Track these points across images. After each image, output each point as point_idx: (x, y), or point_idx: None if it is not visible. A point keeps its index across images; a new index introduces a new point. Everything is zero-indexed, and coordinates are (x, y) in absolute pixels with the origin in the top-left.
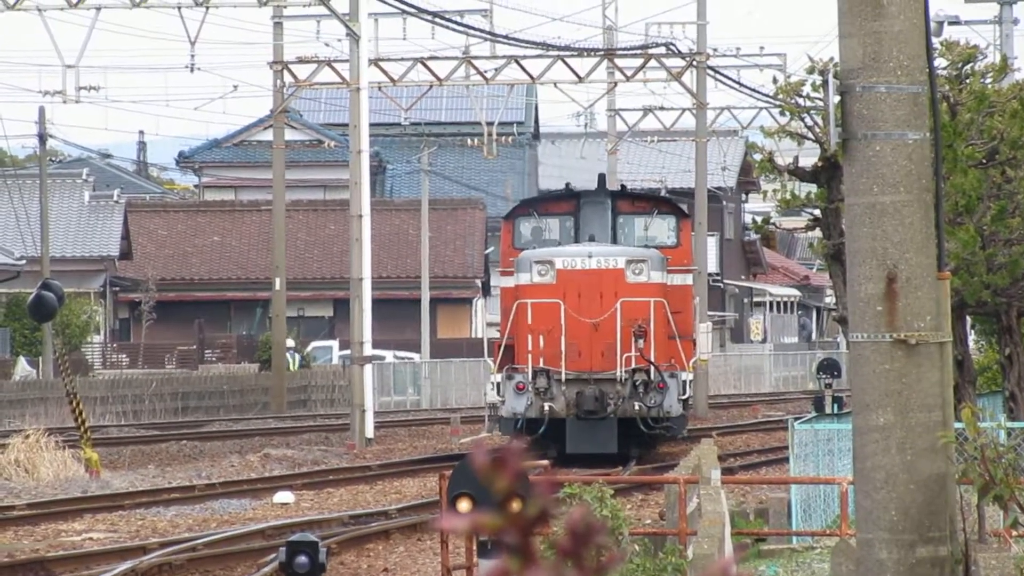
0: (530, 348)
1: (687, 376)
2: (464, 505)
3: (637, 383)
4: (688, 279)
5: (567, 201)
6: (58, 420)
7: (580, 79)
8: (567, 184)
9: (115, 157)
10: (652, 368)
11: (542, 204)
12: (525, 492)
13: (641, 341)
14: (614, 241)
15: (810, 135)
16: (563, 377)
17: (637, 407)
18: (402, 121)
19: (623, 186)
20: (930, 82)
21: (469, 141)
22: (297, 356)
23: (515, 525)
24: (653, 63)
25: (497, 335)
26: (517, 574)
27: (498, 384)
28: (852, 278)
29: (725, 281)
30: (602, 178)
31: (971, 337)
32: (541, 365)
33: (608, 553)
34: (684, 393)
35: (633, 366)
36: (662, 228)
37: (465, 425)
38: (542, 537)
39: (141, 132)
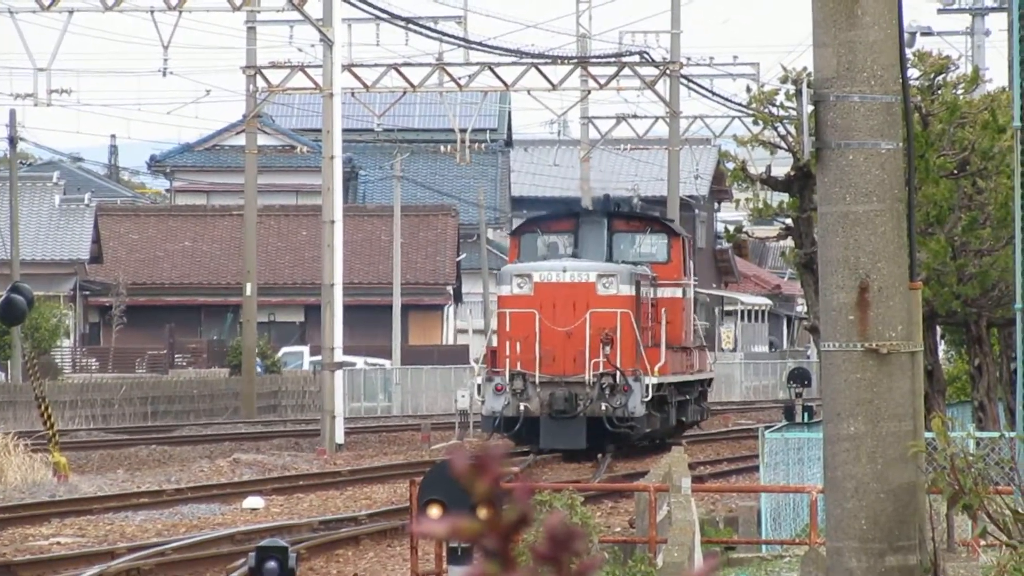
0: (508, 353)
1: (651, 380)
2: (435, 511)
3: (604, 386)
4: (678, 292)
5: (568, 219)
6: (27, 424)
7: (553, 87)
8: (571, 204)
9: (86, 161)
10: (618, 372)
11: (545, 222)
12: (497, 498)
13: (608, 348)
14: (610, 257)
15: (783, 144)
16: (537, 380)
17: (604, 407)
18: (375, 127)
19: (618, 205)
20: (903, 92)
21: (442, 148)
22: (259, 362)
23: (494, 531)
24: (627, 71)
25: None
26: None
27: (479, 385)
28: (824, 287)
29: (697, 289)
30: (606, 198)
31: (941, 347)
32: (518, 368)
33: (585, 560)
34: (648, 395)
35: (601, 370)
36: (654, 245)
37: (436, 432)
38: (515, 544)
39: (113, 136)
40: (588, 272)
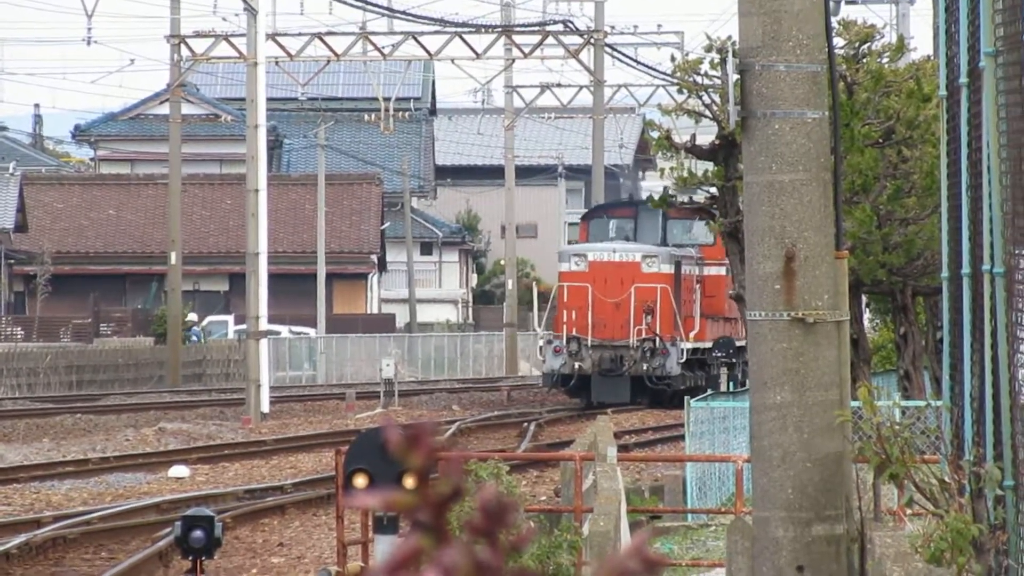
0: (565, 320)
1: (686, 345)
2: (360, 481)
3: (646, 349)
4: (722, 271)
5: (629, 207)
6: None
7: (477, 55)
8: (630, 195)
9: (10, 130)
10: (657, 338)
11: (610, 210)
12: (426, 468)
13: (649, 317)
14: (664, 240)
15: (707, 113)
16: (590, 343)
17: (645, 367)
18: (299, 96)
19: (673, 196)
20: (829, 61)
21: (366, 116)
22: (197, 331)
23: (428, 503)
24: (551, 40)
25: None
26: (430, 552)
27: (540, 347)
28: (750, 256)
29: None
30: (664, 189)
31: (866, 316)
32: (574, 333)
33: (519, 531)
34: (683, 358)
35: (643, 336)
36: (702, 230)
37: (361, 401)
38: (447, 515)
39: (37, 105)
40: (634, 253)
